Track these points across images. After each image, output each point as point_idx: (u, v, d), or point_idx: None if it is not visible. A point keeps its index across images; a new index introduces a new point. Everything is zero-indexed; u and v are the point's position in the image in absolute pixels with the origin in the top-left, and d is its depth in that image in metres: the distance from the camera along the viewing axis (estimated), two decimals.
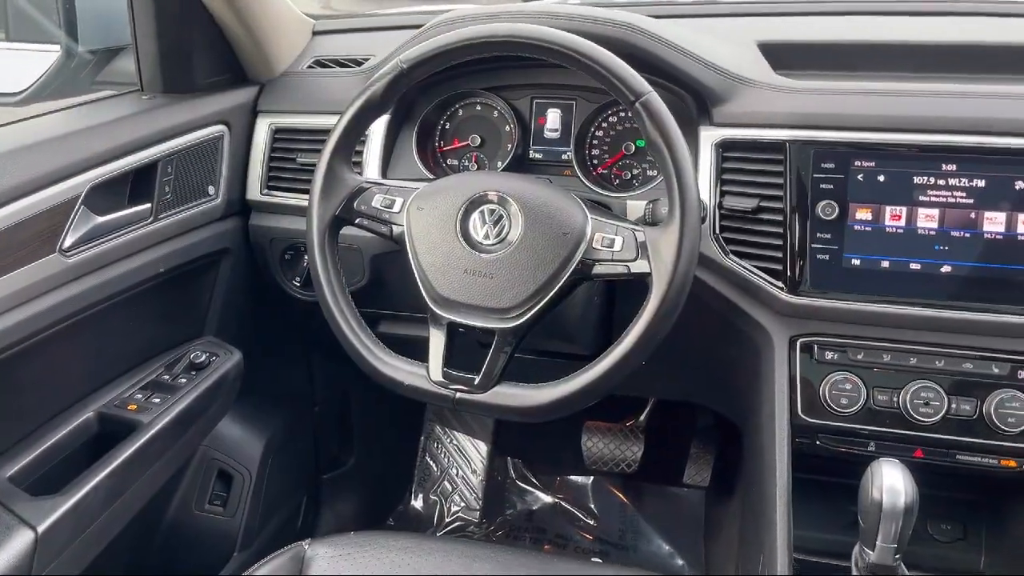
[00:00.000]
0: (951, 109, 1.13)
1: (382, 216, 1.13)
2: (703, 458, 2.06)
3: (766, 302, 1.20)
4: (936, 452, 1.16)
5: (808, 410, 1.18)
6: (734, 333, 1.28)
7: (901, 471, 0.96)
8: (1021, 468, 1.14)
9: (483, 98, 1.43)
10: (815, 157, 1.15)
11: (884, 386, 1.16)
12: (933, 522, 1.32)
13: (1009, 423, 1.11)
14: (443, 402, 1.09)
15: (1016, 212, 1.09)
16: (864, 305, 1.15)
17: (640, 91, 1.02)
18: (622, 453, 2.07)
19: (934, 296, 1.13)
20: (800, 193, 1.15)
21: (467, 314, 1.07)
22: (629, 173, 1.37)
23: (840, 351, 1.18)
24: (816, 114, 1.17)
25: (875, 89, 1.18)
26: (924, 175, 1.12)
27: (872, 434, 1.17)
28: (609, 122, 1.38)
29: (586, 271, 1.06)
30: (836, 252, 1.15)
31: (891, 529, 0.95)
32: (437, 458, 2.23)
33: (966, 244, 1.11)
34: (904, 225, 1.13)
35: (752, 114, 1.20)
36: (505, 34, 1.07)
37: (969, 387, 1.13)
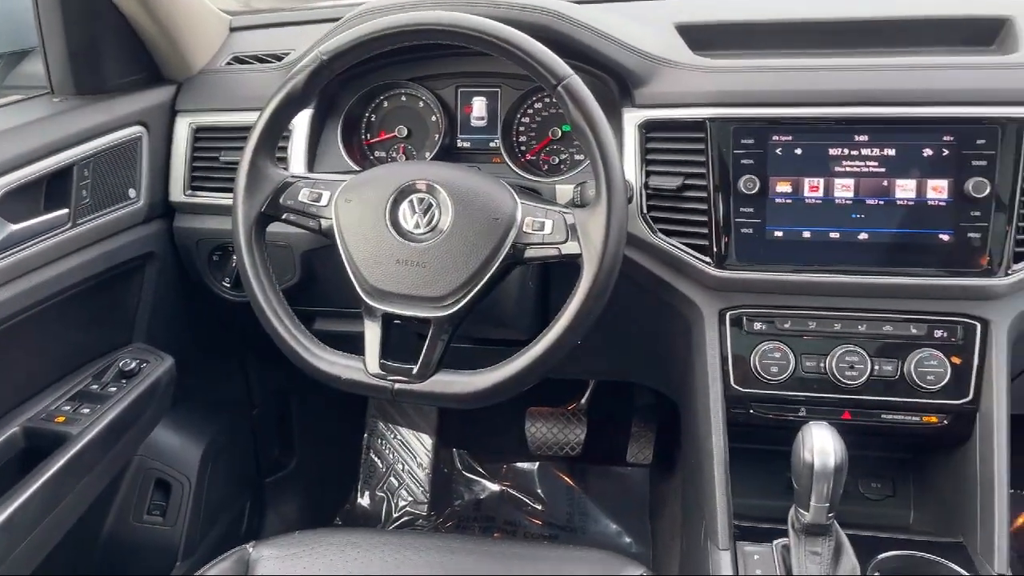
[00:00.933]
0: (860, 82, 1.17)
1: (309, 210, 1.12)
2: (645, 436, 2.10)
3: (695, 277, 1.23)
4: (863, 413, 1.20)
5: (740, 380, 1.21)
6: (666, 310, 1.30)
7: (830, 433, 1.00)
8: (942, 424, 1.19)
9: (408, 89, 1.42)
10: (735, 134, 1.18)
11: (811, 352, 1.20)
12: (864, 481, 1.37)
13: (928, 380, 1.16)
14: (382, 394, 1.08)
15: (925, 178, 1.14)
16: (789, 275, 1.18)
17: (561, 75, 1.03)
18: (566, 437, 2.09)
19: (853, 263, 1.17)
20: (722, 169, 1.18)
21: (401, 304, 1.07)
22: (557, 158, 1.38)
23: (768, 321, 1.21)
24: (734, 92, 1.20)
25: (789, 65, 1.22)
26: (839, 147, 1.16)
27: (802, 400, 1.21)
28: (535, 108, 1.39)
29: (518, 255, 1.06)
30: (759, 225, 1.18)
31: (823, 489, 0.99)
32: (382, 454, 2.22)
33: (880, 211, 1.16)
34: (822, 196, 1.17)
35: (673, 94, 1.22)
36: (424, 22, 1.07)
37: (890, 349, 1.18)
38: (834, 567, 1.03)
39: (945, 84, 1.14)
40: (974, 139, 1.12)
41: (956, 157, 1.13)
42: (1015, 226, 1.12)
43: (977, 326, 1.16)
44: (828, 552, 1.04)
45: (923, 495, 1.35)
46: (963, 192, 1.12)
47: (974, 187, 1.11)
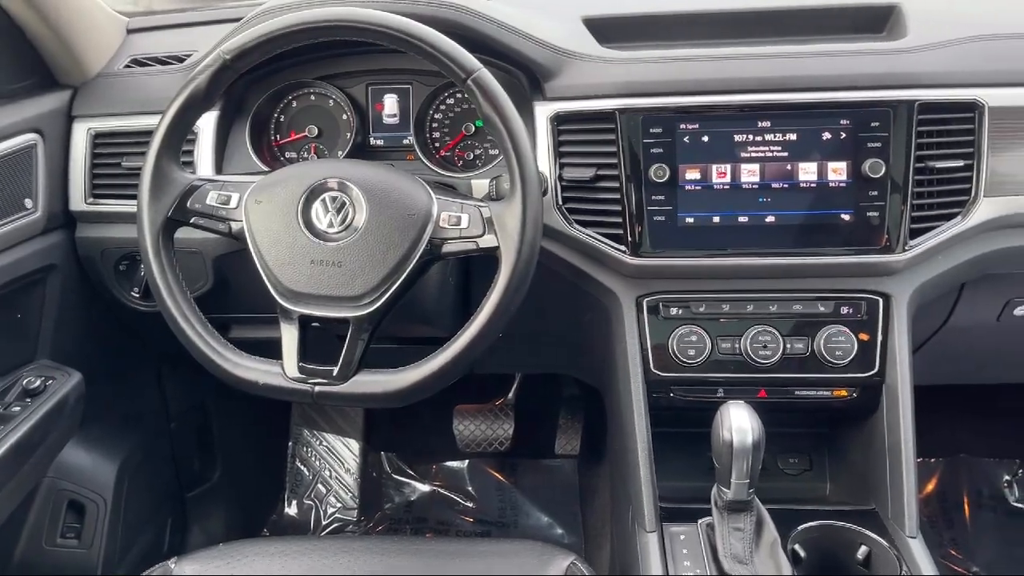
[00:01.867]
0: (760, 70, 1.21)
1: (219, 213, 1.09)
2: (572, 427, 2.12)
3: (612, 266, 1.24)
4: (777, 390, 1.24)
5: (660, 365, 1.24)
6: (586, 299, 1.32)
7: (747, 411, 1.03)
8: (851, 397, 1.24)
9: (317, 87, 1.40)
10: (644, 123, 1.20)
11: (726, 334, 1.23)
12: (782, 458, 1.41)
13: (837, 356, 1.20)
14: (302, 397, 1.06)
15: (825, 161, 1.18)
16: (701, 260, 1.21)
17: (470, 68, 1.03)
18: (494, 432, 2.09)
19: (762, 245, 1.20)
20: (633, 159, 1.20)
21: (318, 305, 1.05)
22: (472, 153, 1.38)
23: (684, 306, 1.24)
24: (641, 82, 1.22)
25: (693, 55, 1.25)
26: (744, 133, 1.20)
27: (719, 380, 1.24)
28: (447, 104, 1.39)
29: (436, 251, 1.06)
30: (671, 212, 1.21)
31: (743, 466, 1.02)
32: (308, 462, 2.18)
33: (785, 195, 1.19)
34: (730, 181, 1.20)
35: (582, 86, 1.23)
36: (329, 18, 1.05)
37: (801, 327, 1.22)
38: (756, 541, 1.07)
39: (839, 70, 1.19)
40: (868, 122, 1.17)
41: (853, 140, 1.17)
42: (910, 204, 1.17)
43: (879, 301, 1.21)
44: (750, 527, 1.07)
45: (838, 467, 1.40)
46: (861, 173, 1.17)
47: (870, 168, 1.16)
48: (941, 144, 1.18)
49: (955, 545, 1.97)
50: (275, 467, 2.15)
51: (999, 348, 1.54)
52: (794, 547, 1.15)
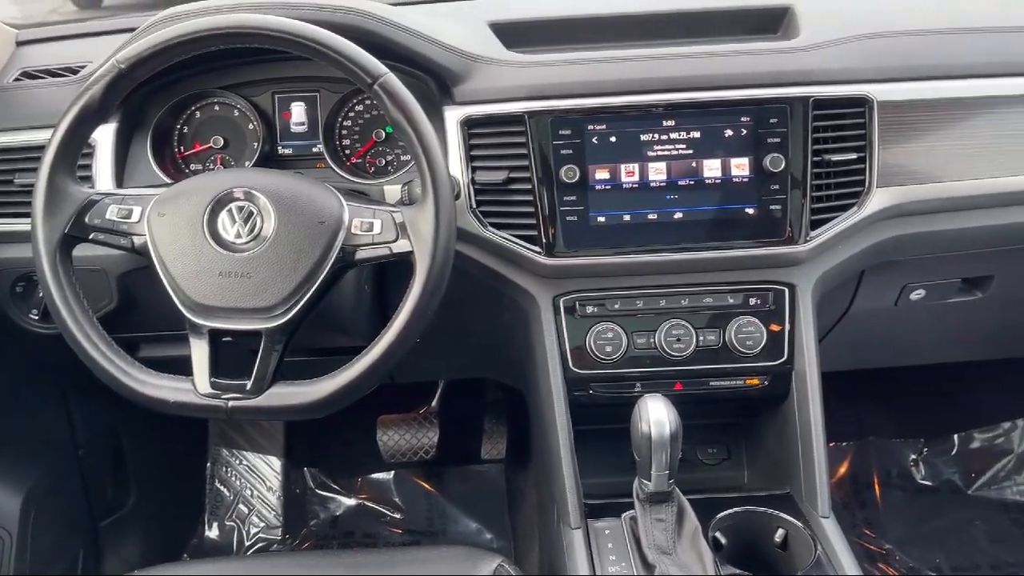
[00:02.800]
0: (664, 70, 1.23)
1: (119, 228, 1.05)
2: (497, 431, 2.12)
3: (528, 267, 1.25)
4: (692, 382, 1.27)
5: (578, 363, 1.25)
6: (504, 301, 1.33)
7: (664, 404, 1.05)
8: (763, 385, 1.28)
9: (221, 97, 1.37)
10: (553, 125, 1.21)
11: (641, 330, 1.25)
12: (701, 448, 1.45)
13: (747, 345, 1.24)
14: (216, 414, 1.04)
15: (728, 158, 1.22)
16: (614, 258, 1.23)
17: (376, 73, 1.02)
18: (419, 441, 2.08)
19: (672, 241, 1.23)
20: (544, 161, 1.21)
21: (228, 318, 1.02)
22: (383, 160, 1.38)
23: (600, 304, 1.26)
24: (549, 85, 1.23)
25: (598, 57, 1.27)
26: (650, 132, 1.22)
27: (637, 375, 1.26)
28: (356, 111, 1.37)
29: (349, 258, 1.05)
30: (583, 212, 1.22)
31: (662, 458, 1.04)
32: (228, 482, 2.12)
33: (692, 191, 1.23)
34: (638, 180, 1.23)
35: (490, 90, 1.24)
36: (229, 25, 1.03)
37: (712, 319, 1.26)
38: (678, 530, 1.09)
39: (738, 69, 1.23)
40: (767, 119, 1.21)
41: (753, 136, 1.21)
42: (809, 196, 1.22)
43: (785, 291, 1.25)
44: (672, 517, 1.09)
45: (754, 455, 1.44)
46: (762, 168, 1.21)
47: (771, 163, 1.20)
48: (835, 138, 1.23)
49: (868, 524, 2.05)
50: (194, 489, 2.09)
51: (898, 332, 1.62)
52: (715, 534, 1.18)
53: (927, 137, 1.26)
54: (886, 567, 1.93)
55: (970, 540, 1.99)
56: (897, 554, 1.95)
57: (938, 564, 1.92)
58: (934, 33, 1.31)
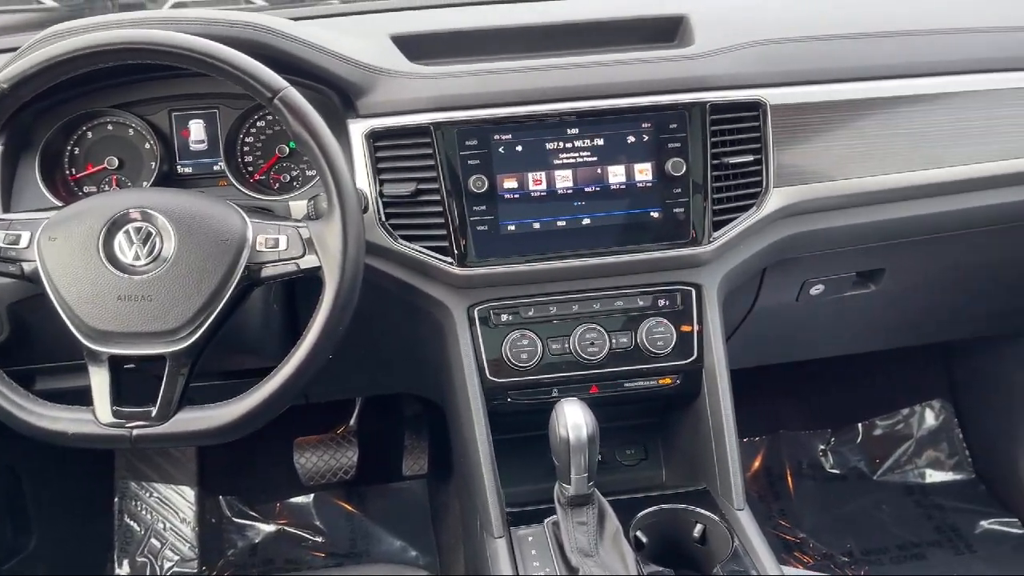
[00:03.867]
0: (566, 79, 1.25)
1: (7, 255, 1.00)
2: (418, 447, 2.10)
3: (440, 279, 1.25)
4: (608, 384, 1.29)
5: (495, 372, 1.26)
6: (418, 314, 1.32)
7: (580, 407, 1.06)
8: (676, 384, 1.31)
9: (114, 116, 1.32)
10: (459, 136, 1.22)
11: (555, 335, 1.27)
12: (619, 450, 1.47)
13: (659, 346, 1.27)
14: (120, 444, 1.00)
15: (632, 163, 1.25)
16: (525, 266, 1.24)
17: (276, 87, 1.01)
18: (338, 462, 2.04)
19: (581, 247, 1.25)
20: (451, 172, 1.22)
21: (130, 343, 0.99)
22: (288, 176, 1.35)
23: (514, 312, 1.27)
24: (453, 96, 1.24)
25: (502, 68, 1.28)
26: (555, 141, 1.24)
27: (553, 381, 1.27)
28: (258, 127, 1.35)
29: (254, 276, 1.03)
30: (493, 222, 1.23)
31: (581, 461, 1.05)
32: (138, 516, 2.04)
33: (598, 197, 1.25)
34: (546, 188, 1.24)
35: (394, 102, 1.23)
36: (119, 41, 1.00)
37: (624, 322, 1.28)
38: (600, 532, 1.10)
39: (637, 76, 1.26)
40: (667, 124, 1.24)
41: (655, 142, 1.25)
42: (710, 199, 1.25)
43: (692, 291, 1.28)
44: (593, 519, 1.10)
45: (671, 453, 1.47)
46: (664, 173, 1.24)
47: (672, 167, 1.23)
48: (733, 141, 1.27)
49: (783, 515, 2.12)
50: (101, 526, 1.99)
51: (801, 327, 1.68)
52: (636, 534, 1.20)
53: (819, 138, 1.31)
54: (801, 555, 1.99)
55: (878, 523, 2.08)
56: (811, 542, 2.02)
57: (849, 548, 2.00)
58: (824, 39, 1.37)
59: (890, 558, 1.97)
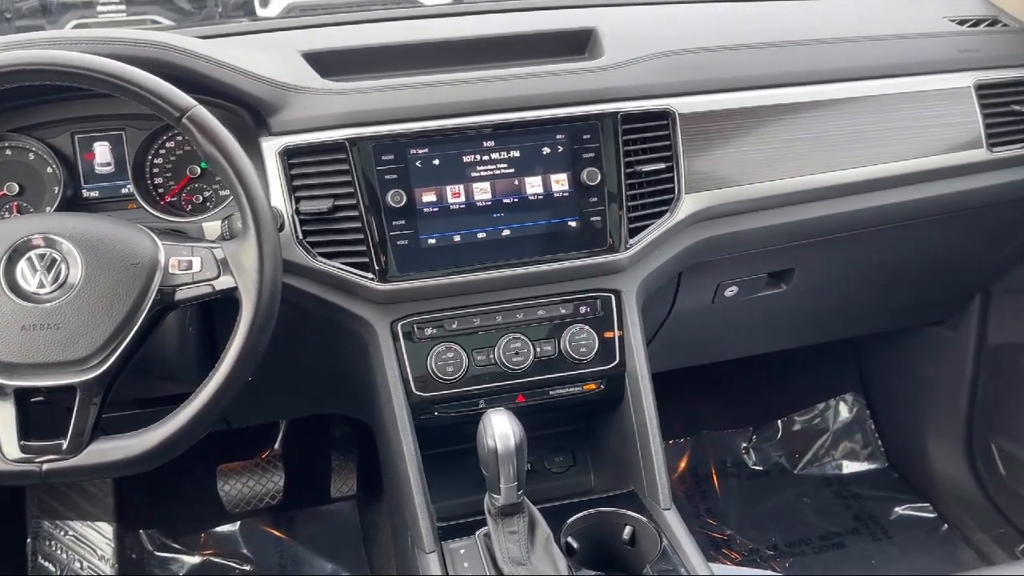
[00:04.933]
0: (480, 92, 1.27)
1: None
2: (346, 467, 2.07)
3: (362, 295, 1.24)
4: (534, 393, 1.30)
5: (421, 386, 1.25)
6: (340, 331, 1.30)
7: (508, 417, 1.06)
8: (600, 389, 1.33)
9: (12, 141, 1.27)
10: (375, 151, 1.21)
11: (480, 347, 1.27)
12: (548, 458, 1.48)
13: (582, 352, 1.29)
14: (29, 479, 0.96)
15: (548, 174, 1.27)
16: (447, 278, 1.24)
17: (184, 106, 0.99)
18: (263, 487, 1.99)
19: (502, 258, 1.26)
20: (369, 187, 1.21)
21: (36, 375, 0.95)
22: (200, 196, 1.32)
23: (437, 325, 1.26)
24: (368, 111, 1.24)
25: (416, 83, 1.28)
26: (472, 153, 1.25)
27: (479, 392, 1.27)
28: (167, 148, 1.32)
29: (168, 299, 1.00)
30: (413, 235, 1.23)
31: (509, 470, 1.05)
32: (53, 557, 1.94)
33: (517, 208, 1.26)
34: (464, 201, 1.25)
35: (307, 119, 1.22)
36: (17, 62, 0.96)
37: (547, 330, 1.29)
38: (531, 540, 1.10)
39: (549, 89, 1.28)
40: (581, 135, 1.27)
41: (570, 152, 1.27)
42: (625, 206, 1.28)
43: (612, 297, 1.31)
44: (524, 528, 1.11)
45: (599, 458, 1.49)
46: (580, 182, 1.26)
47: (587, 177, 1.26)
48: (645, 150, 1.30)
49: (710, 513, 2.16)
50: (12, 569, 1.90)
51: (719, 328, 1.73)
52: (567, 539, 1.21)
53: (727, 145, 1.36)
54: (729, 552, 2.04)
55: (800, 516, 2.14)
56: (738, 538, 2.07)
57: (774, 542, 2.05)
58: (728, 49, 1.42)
59: (812, 549, 2.03)
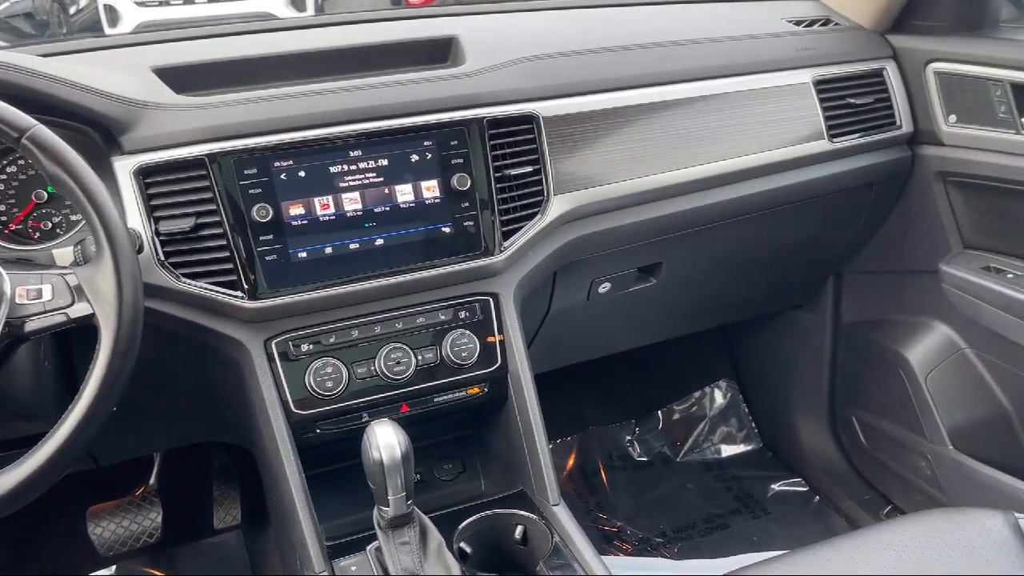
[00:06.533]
0: (344, 102, 1.25)
1: None
2: (229, 496, 1.99)
3: (232, 315, 1.20)
4: (418, 402, 1.30)
5: (301, 405, 1.22)
6: (213, 355, 1.26)
7: (392, 427, 1.05)
8: (484, 392, 1.34)
9: None
10: (237, 166, 1.18)
11: (360, 359, 1.25)
12: (438, 466, 1.47)
13: (463, 357, 1.29)
14: None
15: (419, 181, 1.26)
16: (321, 292, 1.22)
17: (23, 126, 0.93)
18: (140, 525, 1.89)
19: (376, 268, 1.25)
20: (232, 203, 1.17)
21: None
22: (49, 223, 1.25)
23: (314, 340, 1.24)
24: (227, 125, 1.20)
25: (277, 95, 1.25)
26: (339, 164, 1.23)
27: (362, 405, 1.25)
28: (8, 172, 1.24)
29: (16, 332, 0.94)
30: (282, 250, 1.20)
31: (397, 481, 1.04)
32: None
33: (389, 217, 1.25)
34: (334, 212, 1.23)
35: (162, 136, 1.17)
36: None
37: (427, 337, 1.29)
38: (423, 549, 1.10)
39: (413, 97, 1.28)
40: (449, 141, 1.27)
41: (439, 159, 1.27)
42: (497, 210, 1.30)
43: (490, 300, 1.32)
44: (415, 538, 1.10)
45: (487, 463, 1.49)
46: (451, 188, 1.27)
47: (458, 182, 1.27)
48: (512, 154, 1.32)
49: (600, 508, 2.21)
50: None
51: (596, 324, 1.78)
52: (459, 545, 1.21)
53: (591, 146, 1.40)
54: (620, 543, 2.09)
55: (685, 501, 2.22)
56: (628, 529, 2.12)
57: (663, 529, 2.12)
58: (587, 53, 1.46)
59: (699, 532, 2.11)
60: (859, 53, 1.64)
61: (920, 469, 1.88)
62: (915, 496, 1.94)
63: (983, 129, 1.54)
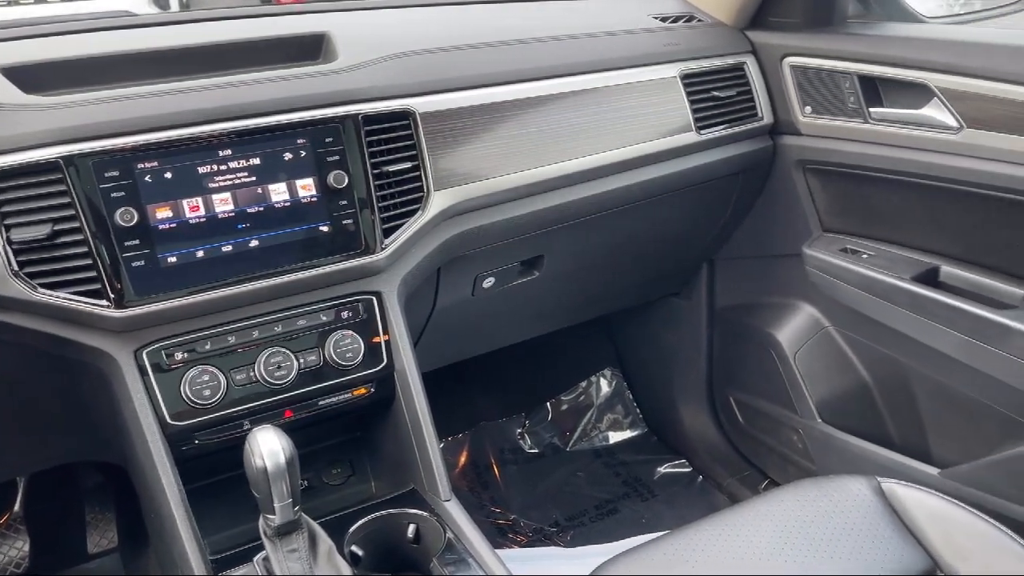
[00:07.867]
0: (211, 100, 1.20)
1: None
2: (103, 518, 1.89)
3: (97, 325, 1.14)
4: (302, 407, 1.26)
5: (176, 416, 1.17)
6: (78, 368, 1.19)
7: (274, 433, 1.02)
8: (371, 392, 1.32)
9: None
10: (96, 168, 1.11)
11: (238, 365, 1.21)
12: (326, 471, 1.44)
13: (347, 358, 1.27)
14: None
15: (293, 180, 1.23)
16: (195, 297, 1.17)
17: None
18: (4, 556, 1.77)
19: (253, 269, 1.21)
20: (93, 208, 1.11)
21: None
22: None
23: (188, 348, 1.19)
24: (83, 126, 1.13)
25: (138, 93, 1.20)
26: (208, 164, 1.18)
27: (243, 413, 1.21)
28: None
29: None
30: (151, 255, 1.15)
31: (282, 488, 1.01)
32: None
33: (263, 217, 1.21)
34: (205, 214, 1.18)
35: (10, 138, 1.09)
36: None
37: (309, 340, 1.26)
38: (313, 555, 1.07)
39: (284, 93, 1.24)
40: (323, 139, 1.25)
41: (314, 156, 1.24)
42: (377, 207, 1.28)
43: (373, 299, 1.30)
44: (304, 544, 1.07)
45: (378, 465, 1.48)
46: (328, 186, 1.24)
47: (334, 180, 1.24)
48: (390, 150, 1.31)
49: (494, 502, 2.22)
50: None
51: (481, 320, 1.79)
52: (351, 548, 1.19)
53: (468, 141, 1.40)
54: (515, 535, 2.11)
55: (576, 489, 2.26)
56: (522, 521, 2.15)
57: (555, 519, 2.15)
58: (462, 49, 1.46)
59: (590, 518, 2.16)
60: (721, 48, 1.72)
61: (793, 443, 1.99)
62: (789, 469, 2.05)
63: (836, 119, 1.64)
